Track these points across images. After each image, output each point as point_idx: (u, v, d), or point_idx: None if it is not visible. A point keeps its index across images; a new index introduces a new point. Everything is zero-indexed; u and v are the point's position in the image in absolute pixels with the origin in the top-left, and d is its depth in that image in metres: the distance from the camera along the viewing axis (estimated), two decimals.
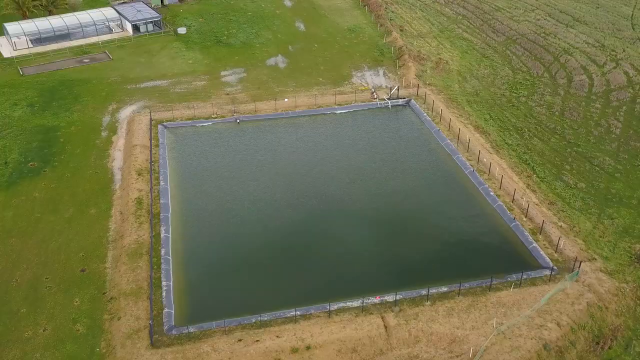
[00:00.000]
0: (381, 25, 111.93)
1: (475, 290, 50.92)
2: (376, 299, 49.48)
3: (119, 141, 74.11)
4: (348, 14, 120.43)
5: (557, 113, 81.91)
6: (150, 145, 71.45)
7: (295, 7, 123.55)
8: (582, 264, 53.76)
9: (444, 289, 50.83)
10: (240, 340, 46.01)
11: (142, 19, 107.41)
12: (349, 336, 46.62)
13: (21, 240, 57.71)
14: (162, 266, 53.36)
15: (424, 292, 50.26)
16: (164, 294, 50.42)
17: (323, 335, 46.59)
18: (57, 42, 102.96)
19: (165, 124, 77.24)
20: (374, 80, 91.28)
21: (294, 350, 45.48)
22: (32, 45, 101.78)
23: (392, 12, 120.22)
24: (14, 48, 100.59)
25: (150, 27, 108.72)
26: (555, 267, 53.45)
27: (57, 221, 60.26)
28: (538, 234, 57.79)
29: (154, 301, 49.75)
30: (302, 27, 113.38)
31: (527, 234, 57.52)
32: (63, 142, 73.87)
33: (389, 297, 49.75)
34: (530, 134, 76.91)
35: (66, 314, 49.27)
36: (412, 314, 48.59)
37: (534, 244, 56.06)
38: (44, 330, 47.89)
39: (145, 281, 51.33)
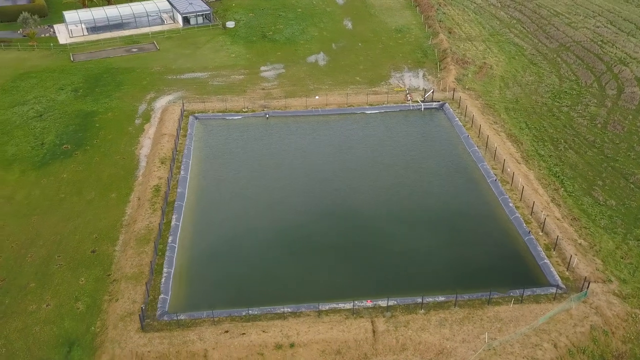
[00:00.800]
0: (429, 27, 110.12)
1: (474, 302, 49.44)
2: (368, 303, 48.85)
3: (150, 129, 76.29)
4: (398, 13, 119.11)
5: (599, 125, 78.22)
6: (177, 134, 73.15)
7: (347, 5, 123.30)
8: (592, 284, 51.17)
9: (441, 298, 49.64)
10: (227, 331, 46.56)
11: (192, 12, 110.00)
12: (335, 337, 46.31)
13: (42, 219, 60.44)
14: (167, 253, 54.65)
15: (419, 299, 49.21)
16: (163, 280, 51.65)
17: (309, 334, 46.48)
18: (110, 31, 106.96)
19: (196, 115, 78.90)
20: (412, 82, 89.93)
21: (278, 347, 45.60)
22: (87, 33, 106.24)
23: (444, 13, 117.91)
24: (70, 35, 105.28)
25: (200, 19, 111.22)
26: (563, 286, 51.11)
27: (78, 203, 62.74)
28: (552, 249, 55.44)
29: (153, 287, 51.00)
30: (349, 25, 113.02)
31: (540, 248, 55.32)
32: (98, 127, 76.76)
33: (382, 302, 48.91)
34: (566, 146, 73.81)
35: (70, 292, 51.27)
36: (404, 321, 47.72)
37: (545, 260, 53.85)
38: (47, 306, 50.04)
39: (147, 266, 52.72)
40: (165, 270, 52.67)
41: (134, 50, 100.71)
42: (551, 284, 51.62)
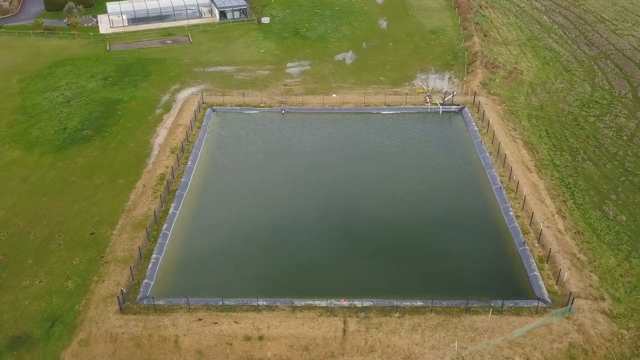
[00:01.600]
0: (464, 29, 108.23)
1: (452, 310, 48.63)
2: (342, 302, 48.86)
3: (169, 120, 78.39)
4: (436, 15, 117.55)
5: (625, 137, 75.06)
6: (191, 126, 74.87)
7: (385, 5, 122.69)
8: (581, 301, 49.42)
9: (419, 303, 49.05)
10: (200, 319, 47.59)
11: (229, 6, 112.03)
12: (304, 334, 46.59)
13: (51, 199, 63.26)
14: (159, 240, 56.21)
15: (396, 303, 48.83)
16: (150, 265, 53.20)
17: (280, 328, 46.93)
18: (149, 23, 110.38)
19: (214, 107, 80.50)
20: (436, 84, 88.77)
21: (247, 338, 46.28)
22: (127, 24, 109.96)
23: (483, 16, 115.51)
24: (111, 25, 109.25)
25: (236, 14, 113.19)
26: (548, 300, 49.59)
27: (87, 186, 65.28)
28: (545, 262, 53.80)
29: (139, 271, 52.64)
30: (384, 25, 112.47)
31: (532, 260, 53.79)
32: (120, 115, 79.49)
33: (358, 302, 48.80)
34: (585, 157, 71.25)
35: (63, 271, 53.55)
36: (376, 322, 47.49)
37: (535, 272, 52.34)
38: (40, 282, 52.46)
39: (138, 251, 54.36)
40: (154, 256, 54.21)
41: (168, 42, 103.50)
42: (537, 297, 50.08)
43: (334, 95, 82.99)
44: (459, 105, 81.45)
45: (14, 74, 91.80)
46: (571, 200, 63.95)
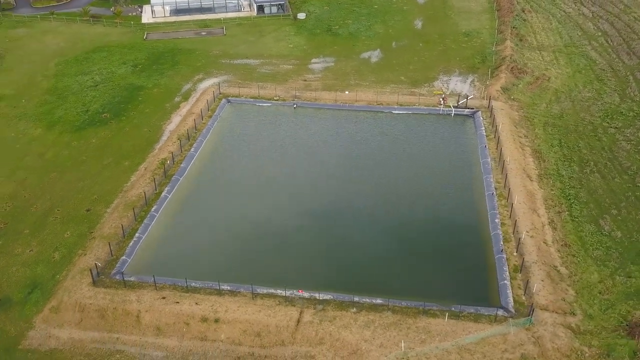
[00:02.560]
0: (500, 33, 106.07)
1: (409, 310, 48.62)
2: (299, 292, 49.77)
3: (185, 108, 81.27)
4: (475, 17, 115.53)
5: None
6: (203, 114, 77.38)
7: (426, 6, 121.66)
8: (547, 314, 48.29)
9: (379, 301, 49.29)
10: (163, 298, 49.71)
11: (267, 1, 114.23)
12: (259, 320, 47.83)
13: (59, 176, 67.21)
14: (145, 220, 58.80)
15: (356, 298, 49.31)
16: (131, 243, 55.83)
17: (237, 313, 48.37)
18: (189, 14, 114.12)
19: (229, 98, 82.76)
20: (456, 86, 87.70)
21: (203, 320, 47.99)
22: (168, 15, 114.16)
23: (524, 20, 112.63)
24: (153, 16, 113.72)
25: (274, 9, 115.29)
26: (512, 310, 48.73)
27: (94, 166, 68.87)
28: (519, 272, 52.76)
29: (120, 248, 55.38)
30: (419, 25, 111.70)
31: (505, 269, 52.86)
32: (140, 101, 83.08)
33: (318, 295, 49.60)
34: (594, 169, 68.91)
35: (53, 242, 57.04)
36: (331, 316, 48.14)
37: (505, 281, 51.45)
38: (30, 251, 56.14)
39: (122, 229, 57.15)
40: (137, 235, 56.84)
41: (203, 33, 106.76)
42: (501, 305, 49.29)
43: (347, 92, 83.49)
44: (472, 108, 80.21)
45: (54, 57, 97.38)
46: (567, 212, 62.16)
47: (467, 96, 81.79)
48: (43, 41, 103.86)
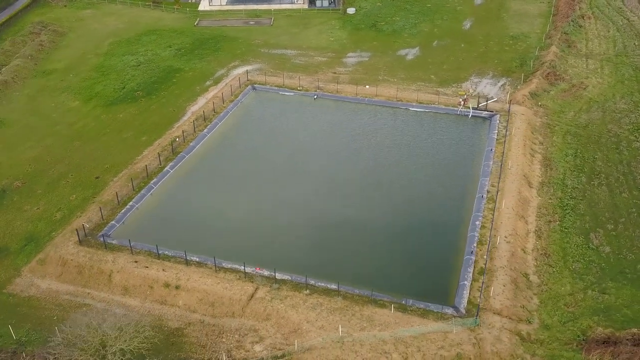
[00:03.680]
0: (549, 37, 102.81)
1: (360, 298, 49.74)
2: (257, 270, 52.02)
3: (212, 92, 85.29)
4: (529, 20, 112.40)
5: None
6: (225, 99, 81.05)
7: (481, 7, 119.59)
8: (497, 318, 48.00)
9: (333, 286, 50.70)
10: (136, 262, 53.54)
11: None
12: (215, 291, 50.60)
13: (82, 144, 72.96)
14: (142, 191, 63.04)
15: (312, 282, 50.97)
16: (123, 210, 60.19)
17: (197, 283, 51.36)
18: (244, 4, 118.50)
19: (255, 85, 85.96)
20: (485, 88, 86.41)
21: (166, 285, 51.36)
22: (224, 4, 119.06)
23: (580, 26, 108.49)
24: (210, 3, 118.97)
25: (325, 2, 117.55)
26: (463, 310, 48.72)
27: (115, 139, 74.14)
28: (483, 274, 52.43)
29: (112, 214, 59.87)
30: (467, 26, 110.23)
31: (470, 270, 52.67)
32: (173, 83, 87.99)
33: (277, 275, 51.65)
34: (603, 182, 66.41)
35: (58, 203, 62.42)
36: (284, 295, 50.11)
37: (465, 282, 51.33)
38: (37, 209, 61.79)
39: (116, 197, 61.64)
40: (130, 204, 61.10)
41: (251, 23, 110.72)
42: (454, 304, 49.39)
43: (367, 87, 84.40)
44: (492, 112, 78.96)
45: (109, 37, 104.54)
46: (558, 222, 60.60)
47: (488, 99, 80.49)
48: (104, 22, 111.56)
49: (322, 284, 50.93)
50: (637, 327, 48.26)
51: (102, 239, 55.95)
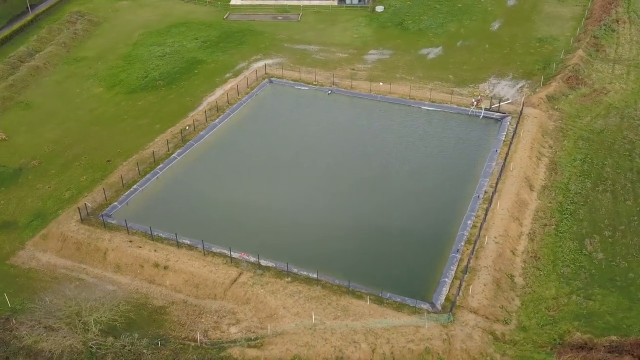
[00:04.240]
0: (577, 41, 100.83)
1: (338, 288, 50.72)
2: (242, 255, 53.60)
3: (230, 83, 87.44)
4: (559, 23, 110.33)
5: None
6: (241, 91, 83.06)
7: (513, 8, 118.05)
8: (471, 315, 48.19)
9: (313, 275, 51.81)
10: (130, 241, 55.93)
11: None
12: (201, 274, 52.48)
13: (100, 129, 76.21)
14: (147, 175, 65.58)
15: (295, 270, 52.21)
16: (127, 192, 62.83)
17: (185, 265, 53.36)
18: (274, 0, 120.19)
19: (272, 79, 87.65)
20: (503, 90, 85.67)
21: (155, 265, 53.56)
22: None
23: (613, 30, 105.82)
24: None
25: (355, 0, 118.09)
26: (439, 306, 49.10)
27: (131, 125, 77.12)
28: (465, 273, 52.59)
29: (116, 195, 62.57)
30: (495, 27, 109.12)
31: (453, 268, 52.91)
32: (194, 73, 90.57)
33: (262, 261, 53.14)
34: (609, 188, 65.29)
35: (68, 183, 65.59)
36: (265, 281, 51.56)
37: (446, 279, 51.63)
38: (48, 187, 65.15)
39: (121, 179, 64.31)
40: (134, 187, 63.70)
41: (279, 18, 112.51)
42: (431, 301, 49.81)
43: (381, 84, 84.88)
44: (504, 113, 78.35)
45: (140, 28, 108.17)
46: (554, 226, 60.01)
47: (501, 100, 79.82)
48: (138, 13, 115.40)
49: (304, 273, 52.03)
50: (617, 334, 47.62)
51: (102, 218, 58.51)
